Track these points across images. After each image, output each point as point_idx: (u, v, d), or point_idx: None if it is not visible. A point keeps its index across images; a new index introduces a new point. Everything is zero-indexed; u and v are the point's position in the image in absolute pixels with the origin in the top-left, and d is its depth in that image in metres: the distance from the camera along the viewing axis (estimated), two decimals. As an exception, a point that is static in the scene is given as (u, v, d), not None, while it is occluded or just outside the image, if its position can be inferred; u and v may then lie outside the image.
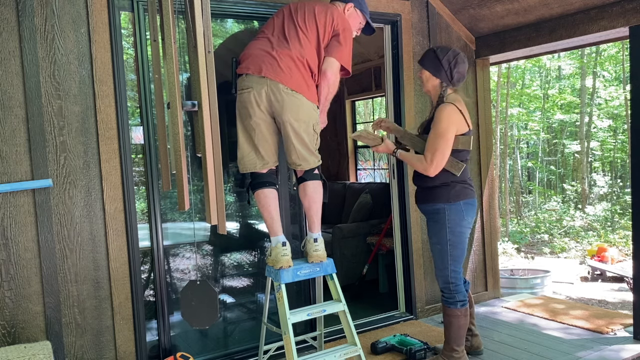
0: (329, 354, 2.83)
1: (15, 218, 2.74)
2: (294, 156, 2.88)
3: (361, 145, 7.32)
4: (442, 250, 3.06)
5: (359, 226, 5.19)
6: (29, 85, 2.74)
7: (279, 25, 2.91)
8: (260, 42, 2.88)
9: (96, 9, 2.89)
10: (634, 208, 3.54)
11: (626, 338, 3.60)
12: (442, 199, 3.00)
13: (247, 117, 2.83)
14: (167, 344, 3.20)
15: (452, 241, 3.03)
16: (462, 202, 3.01)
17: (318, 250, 2.94)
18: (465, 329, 3.11)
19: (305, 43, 2.85)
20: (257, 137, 2.85)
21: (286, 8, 2.97)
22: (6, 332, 2.73)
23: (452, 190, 3.00)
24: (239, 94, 2.86)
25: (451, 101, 2.97)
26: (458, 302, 3.06)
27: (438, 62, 2.99)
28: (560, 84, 14.05)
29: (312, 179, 2.93)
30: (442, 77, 3.00)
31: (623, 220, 10.14)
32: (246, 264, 3.89)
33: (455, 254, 3.05)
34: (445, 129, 2.91)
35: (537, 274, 6.32)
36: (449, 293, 3.07)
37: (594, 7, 3.57)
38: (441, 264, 3.08)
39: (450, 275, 3.06)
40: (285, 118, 2.79)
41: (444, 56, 2.97)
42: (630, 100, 3.58)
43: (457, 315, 3.06)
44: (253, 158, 2.88)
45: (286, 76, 2.78)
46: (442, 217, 3.02)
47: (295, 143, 2.84)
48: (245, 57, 2.87)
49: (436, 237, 3.08)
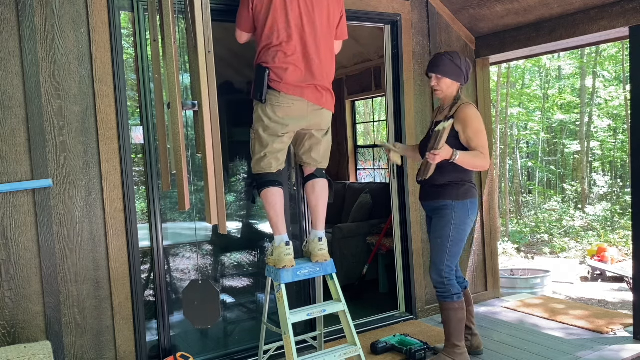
0: (329, 354, 2.83)
1: (15, 218, 2.74)
2: (315, 155, 2.97)
3: (361, 145, 7.33)
4: (441, 245, 3.10)
5: (359, 226, 5.19)
6: (29, 85, 2.74)
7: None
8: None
9: (96, 9, 2.89)
10: (634, 208, 3.54)
11: (626, 338, 3.60)
12: (451, 196, 3.06)
13: (277, 127, 2.83)
14: (167, 344, 3.20)
15: (453, 237, 3.08)
16: (469, 200, 3.09)
17: (323, 249, 2.95)
18: (463, 323, 3.14)
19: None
20: (283, 144, 2.89)
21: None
22: (6, 332, 2.73)
23: (461, 188, 3.07)
24: (270, 104, 2.81)
25: (466, 101, 3.10)
26: (454, 295, 3.10)
27: (457, 68, 3.09)
28: (560, 84, 14.04)
29: (322, 176, 3.03)
30: (461, 81, 3.13)
31: (623, 220, 10.14)
32: (246, 264, 3.90)
33: (454, 250, 3.10)
34: (480, 124, 3.03)
35: (537, 274, 6.32)
36: (443, 287, 3.11)
37: (594, 7, 3.57)
38: (437, 259, 3.12)
39: (444, 270, 3.10)
40: (319, 127, 2.93)
41: (460, 61, 3.10)
42: (630, 100, 3.58)
43: (454, 308, 3.09)
44: (270, 160, 2.88)
45: (323, 98, 2.89)
46: (449, 213, 3.07)
47: (324, 143, 2.98)
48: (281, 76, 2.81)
49: (439, 232, 3.11)
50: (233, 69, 3.82)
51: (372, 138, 9.36)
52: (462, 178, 3.09)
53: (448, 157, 2.94)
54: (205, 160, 2.66)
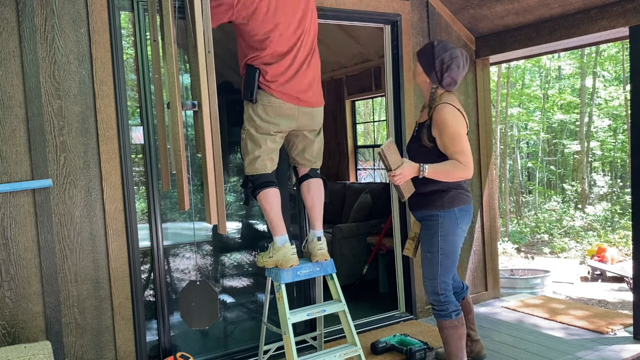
0: (329, 354, 2.83)
1: (15, 218, 2.74)
2: (309, 155, 2.96)
3: (361, 145, 7.33)
4: (432, 259, 2.87)
5: (359, 226, 5.19)
6: (29, 85, 2.74)
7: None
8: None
9: (96, 9, 2.89)
10: (634, 208, 3.54)
11: (626, 338, 3.60)
12: (436, 205, 2.83)
13: (268, 127, 2.82)
14: (167, 344, 3.20)
15: (444, 250, 2.85)
16: (457, 208, 2.84)
17: (322, 249, 2.94)
18: (464, 339, 2.94)
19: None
20: (276, 143, 2.88)
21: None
22: (6, 332, 2.73)
23: (446, 196, 2.83)
24: (261, 104, 2.80)
25: (447, 101, 2.79)
26: (452, 313, 2.88)
27: (432, 60, 2.78)
28: (560, 84, 14.05)
29: (316, 176, 3.02)
30: (432, 77, 2.82)
31: (623, 220, 10.14)
32: (246, 264, 3.90)
33: (446, 263, 2.87)
34: (454, 127, 2.73)
35: (537, 274, 6.32)
36: (440, 305, 2.90)
37: (594, 7, 3.57)
38: (430, 274, 2.90)
39: (439, 286, 2.88)
40: (310, 128, 2.92)
41: (440, 56, 2.76)
42: (630, 100, 3.58)
43: (454, 326, 2.88)
44: (264, 160, 2.88)
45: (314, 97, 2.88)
46: (434, 224, 2.85)
47: (316, 143, 2.97)
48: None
49: (428, 246, 2.90)
50: (233, 69, 3.82)
51: (372, 138, 9.36)
52: (448, 185, 2.81)
53: (414, 173, 2.73)
54: (205, 160, 2.66)
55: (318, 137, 3.00)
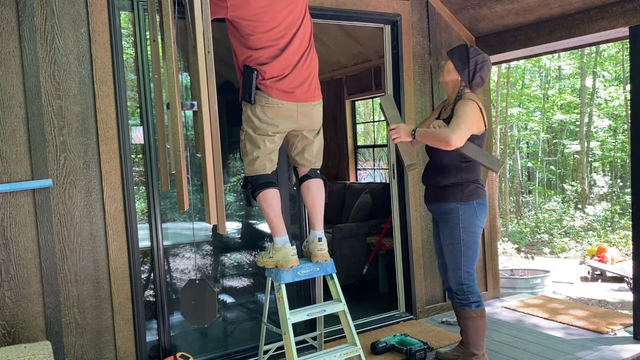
0: (329, 354, 2.83)
1: (15, 218, 2.74)
2: (308, 155, 2.95)
3: (361, 145, 7.33)
4: (454, 250, 3.00)
5: (359, 226, 5.19)
6: (29, 85, 2.74)
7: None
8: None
9: (96, 9, 2.89)
10: (634, 208, 3.54)
11: (626, 338, 3.60)
12: (455, 198, 2.96)
13: (267, 128, 2.81)
14: (167, 344, 3.20)
15: (465, 241, 2.98)
16: (475, 202, 2.97)
17: (323, 250, 2.94)
18: (483, 331, 3.04)
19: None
20: (275, 144, 2.87)
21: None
22: (6, 332, 2.73)
23: (465, 189, 2.96)
24: (259, 105, 2.79)
25: (470, 98, 2.94)
26: (472, 303, 3.00)
27: (466, 60, 2.95)
28: (560, 84, 14.05)
29: (316, 176, 3.01)
30: (463, 75, 2.97)
31: (623, 220, 10.14)
32: (246, 264, 3.90)
33: (468, 254, 2.99)
34: (468, 112, 2.85)
35: (537, 274, 6.32)
36: (463, 294, 3.02)
37: (594, 7, 3.57)
38: (454, 265, 3.02)
39: (463, 276, 3.00)
40: (309, 128, 2.90)
41: (474, 57, 2.95)
42: (630, 100, 3.58)
43: (472, 316, 3.00)
44: (263, 161, 2.87)
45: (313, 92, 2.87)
46: (455, 216, 2.97)
47: (316, 143, 2.96)
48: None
49: (449, 239, 3.02)
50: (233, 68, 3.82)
51: (372, 138, 9.36)
52: (467, 179, 2.97)
53: (408, 135, 2.95)
54: (205, 160, 2.66)
55: (317, 137, 2.99)
